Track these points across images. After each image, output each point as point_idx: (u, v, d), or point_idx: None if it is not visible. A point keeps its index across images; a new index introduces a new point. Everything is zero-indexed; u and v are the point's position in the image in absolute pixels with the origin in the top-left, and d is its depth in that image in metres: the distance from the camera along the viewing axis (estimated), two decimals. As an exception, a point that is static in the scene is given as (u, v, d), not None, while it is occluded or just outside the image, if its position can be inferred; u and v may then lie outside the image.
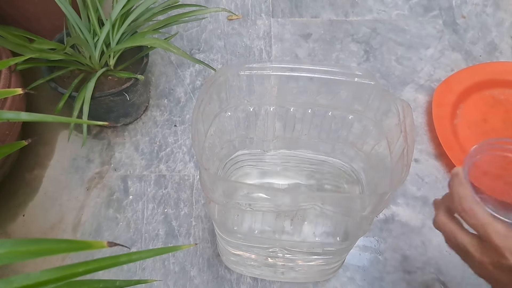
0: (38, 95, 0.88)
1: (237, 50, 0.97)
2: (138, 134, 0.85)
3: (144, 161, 0.81)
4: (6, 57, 0.72)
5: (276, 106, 0.60)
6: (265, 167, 0.69)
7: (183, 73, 0.93)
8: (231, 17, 1.02)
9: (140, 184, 0.79)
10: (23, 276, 0.37)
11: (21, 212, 0.76)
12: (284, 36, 0.99)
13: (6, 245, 0.36)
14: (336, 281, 0.68)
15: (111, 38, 0.77)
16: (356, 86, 0.54)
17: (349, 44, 0.98)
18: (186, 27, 1.00)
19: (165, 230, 0.74)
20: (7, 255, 0.36)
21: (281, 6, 1.05)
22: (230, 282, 0.69)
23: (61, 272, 0.37)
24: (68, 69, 0.77)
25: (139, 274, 0.70)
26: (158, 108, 0.88)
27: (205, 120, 0.53)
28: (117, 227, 0.74)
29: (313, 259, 0.61)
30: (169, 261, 0.71)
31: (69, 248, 0.37)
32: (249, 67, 0.53)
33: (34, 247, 0.36)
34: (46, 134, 0.85)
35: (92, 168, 0.81)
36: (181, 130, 0.85)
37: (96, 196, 0.77)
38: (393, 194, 0.77)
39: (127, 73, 0.77)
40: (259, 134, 0.64)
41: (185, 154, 0.82)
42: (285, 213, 0.60)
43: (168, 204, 0.76)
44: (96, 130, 0.85)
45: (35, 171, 0.80)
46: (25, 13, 0.82)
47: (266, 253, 0.60)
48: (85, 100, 0.72)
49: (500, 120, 0.85)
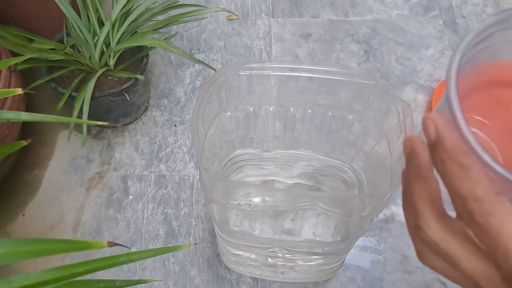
0: (38, 95, 0.88)
1: (237, 50, 0.97)
2: (138, 134, 0.85)
3: (144, 161, 0.81)
4: (6, 57, 0.72)
5: (276, 106, 0.60)
6: (265, 167, 0.69)
7: (183, 73, 0.93)
8: (231, 17, 1.02)
9: (140, 184, 0.78)
10: (23, 276, 0.37)
11: (21, 212, 0.76)
12: (284, 36, 0.99)
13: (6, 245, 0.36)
14: (336, 281, 0.68)
15: (111, 38, 0.77)
16: (356, 86, 0.54)
17: (349, 44, 0.98)
18: (186, 27, 1.00)
19: (165, 230, 0.74)
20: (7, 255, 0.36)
21: (281, 6, 1.05)
22: (230, 282, 0.69)
23: (61, 272, 0.37)
24: (68, 69, 0.77)
25: (139, 274, 0.69)
26: (158, 108, 0.88)
27: (205, 120, 0.53)
28: (117, 227, 0.74)
29: (313, 259, 0.61)
30: (169, 261, 0.71)
31: (69, 248, 0.37)
32: (249, 67, 0.53)
33: (34, 247, 0.36)
34: (46, 134, 0.85)
35: (92, 168, 0.81)
36: (181, 130, 0.85)
37: (96, 196, 0.77)
38: (393, 194, 0.77)
39: (127, 73, 0.76)
40: (259, 134, 0.64)
41: (185, 154, 0.82)
42: (285, 213, 0.60)
43: (168, 204, 0.76)
44: (96, 130, 0.85)
45: (35, 171, 0.80)
46: (25, 13, 0.82)
47: (266, 253, 0.60)
48: (85, 100, 0.72)
49: (501, 119, 0.85)
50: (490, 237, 0.23)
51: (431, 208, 0.26)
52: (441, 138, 0.24)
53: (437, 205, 0.26)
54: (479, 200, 0.23)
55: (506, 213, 0.22)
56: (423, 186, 0.26)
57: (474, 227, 0.24)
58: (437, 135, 0.24)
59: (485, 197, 0.23)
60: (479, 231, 0.23)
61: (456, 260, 0.25)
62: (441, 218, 0.26)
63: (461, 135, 0.23)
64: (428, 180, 0.26)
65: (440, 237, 0.26)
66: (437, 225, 0.26)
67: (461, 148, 0.23)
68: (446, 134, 0.24)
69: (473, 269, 0.25)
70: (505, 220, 0.22)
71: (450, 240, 0.25)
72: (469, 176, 0.23)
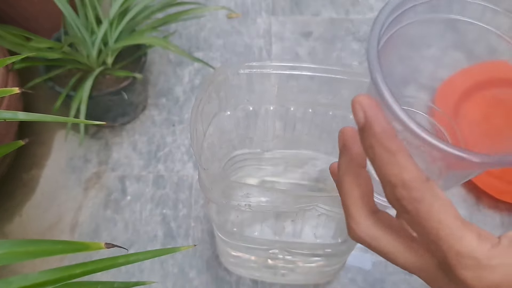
0: (36, 95, 0.87)
1: (237, 48, 0.96)
2: (136, 134, 0.84)
3: (142, 161, 0.81)
4: (3, 56, 0.72)
5: (276, 105, 0.59)
6: (265, 167, 0.68)
7: (182, 72, 0.92)
8: (231, 15, 1.02)
9: (138, 185, 0.78)
10: (21, 277, 0.37)
11: (18, 212, 0.75)
12: (284, 35, 0.98)
13: (3, 246, 0.36)
14: (337, 283, 0.68)
15: (109, 37, 0.76)
16: (357, 85, 0.53)
17: (350, 43, 0.97)
18: (185, 25, 1.00)
19: (164, 231, 0.73)
20: (5, 256, 0.36)
21: (281, 4, 1.04)
22: (230, 284, 0.68)
23: (59, 273, 0.37)
24: (66, 68, 0.76)
25: (137, 275, 0.69)
26: (156, 108, 0.87)
27: (204, 120, 0.52)
28: (115, 228, 0.73)
29: (313, 261, 0.60)
30: (168, 262, 0.70)
31: (67, 249, 0.37)
32: (248, 66, 0.53)
33: (32, 248, 0.36)
34: (43, 133, 0.84)
35: (90, 168, 0.80)
36: (180, 129, 0.85)
37: (94, 196, 0.77)
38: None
39: (125, 72, 0.76)
40: (259, 133, 0.64)
41: (184, 154, 0.81)
42: (285, 214, 0.59)
43: (167, 204, 0.76)
44: (93, 129, 0.85)
45: (32, 171, 0.80)
46: (23, 12, 0.82)
47: (266, 254, 0.59)
48: (83, 100, 0.71)
49: (502, 119, 0.84)
50: (420, 225, 0.22)
51: (360, 206, 0.25)
52: (369, 122, 0.22)
53: (368, 202, 0.25)
54: (407, 186, 0.21)
55: (435, 199, 0.22)
56: (354, 181, 0.25)
57: (404, 215, 0.23)
58: (365, 119, 0.22)
59: (413, 183, 0.21)
60: (409, 219, 0.22)
61: (389, 255, 0.25)
62: (371, 215, 0.25)
63: (389, 113, 0.22)
64: (358, 175, 0.25)
65: (370, 235, 0.25)
66: (367, 223, 0.25)
67: (389, 132, 0.22)
68: (374, 117, 0.22)
69: (407, 262, 0.24)
70: (434, 207, 0.21)
71: (381, 236, 0.25)
72: (397, 162, 0.21)
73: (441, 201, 0.22)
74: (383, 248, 0.25)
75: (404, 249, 0.24)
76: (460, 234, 0.22)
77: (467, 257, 0.22)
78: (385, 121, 0.22)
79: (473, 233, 0.22)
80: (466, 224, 0.22)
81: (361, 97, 0.23)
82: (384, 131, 0.22)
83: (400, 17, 0.26)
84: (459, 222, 0.22)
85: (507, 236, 0.23)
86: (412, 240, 0.24)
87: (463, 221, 0.22)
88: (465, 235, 0.22)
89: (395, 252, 0.25)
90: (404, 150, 0.22)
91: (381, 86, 0.22)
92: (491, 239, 0.22)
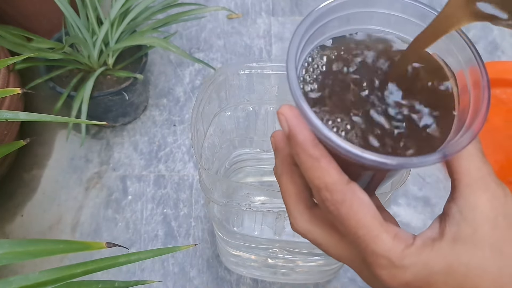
0: (37, 95, 0.87)
1: (237, 49, 0.96)
2: (137, 134, 0.84)
3: (143, 161, 0.81)
4: (5, 57, 0.72)
5: (276, 106, 0.60)
6: (265, 167, 0.69)
7: (183, 73, 0.92)
8: (231, 16, 1.02)
9: (139, 184, 0.78)
10: (22, 277, 0.37)
11: (19, 212, 0.75)
12: (284, 35, 0.99)
13: (4, 246, 0.36)
14: (337, 282, 0.68)
15: (110, 37, 0.76)
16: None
17: (349, 44, 0.97)
18: (186, 26, 1.00)
19: (165, 230, 0.73)
20: (6, 255, 0.36)
21: (281, 4, 1.04)
22: (230, 283, 0.68)
23: (59, 273, 0.37)
24: (67, 68, 0.77)
25: (138, 275, 0.69)
26: (157, 108, 0.88)
27: (205, 120, 0.52)
28: (116, 227, 0.74)
29: (313, 260, 0.60)
30: (169, 262, 0.70)
31: (68, 249, 0.37)
32: (249, 66, 0.53)
33: (33, 248, 0.36)
34: (45, 134, 0.84)
35: (91, 168, 0.80)
36: (180, 129, 0.85)
37: (95, 196, 0.77)
38: (395, 194, 0.76)
39: (126, 73, 0.76)
40: (259, 133, 0.64)
41: (185, 154, 0.82)
42: (285, 214, 0.59)
43: (168, 204, 0.76)
44: (94, 129, 0.85)
45: (33, 171, 0.80)
46: (24, 12, 0.82)
47: (266, 253, 0.59)
48: (84, 100, 0.72)
49: (502, 119, 0.84)
50: (343, 224, 0.24)
51: (297, 201, 0.27)
52: (292, 132, 0.24)
53: (303, 197, 0.27)
54: (329, 189, 0.23)
55: (355, 200, 0.23)
56: (289, 179, 0.27)
57: (329, 215, 0.24)
58: (289, 129, 0.24)
59: (335, 186, 0.23)
60: (333, 219, 0.24)
61: (323, 247, 0.27)
62: (307, 210, 0.27)
63: (308, 122, 0.23)
64: (292, 173, 0.27)
65: (306, 228, 0.27)
66: (303, 217, 0.27)
67: (312, 140, 0.23)
68: (296, 126, 0.23)
69: (339, 254, 0.27)
70: (354, 208, 0.23)
71: (315, 230, 0.27)
72: (320, 167, 0.23)
73: (360, 201, 0.23)
74: (316, 240, 0.27)
75: (335, 242, 0.27)
76: (376, 233, 0.23)
77: (381, 257, 0.23)
78: (307, 130, 0.24)
79: (389, 234, 0.23)
80: (384, 224, 0.24)
81: (284, 108, 0.24)
82: (306, 139, 0.23)
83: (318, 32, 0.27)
84: (377, 222, 0.23)
85: (421, 236, 0.24)
86: (343, 235, 0.26)
87: (381, 222, 0.24)
88: (380, 235, 0.23)
89: (327, 245, 0.27)
90: (326, 156, 0.24)
91: (300, 101, 0.23)
92: (406, 239, 0.24)
